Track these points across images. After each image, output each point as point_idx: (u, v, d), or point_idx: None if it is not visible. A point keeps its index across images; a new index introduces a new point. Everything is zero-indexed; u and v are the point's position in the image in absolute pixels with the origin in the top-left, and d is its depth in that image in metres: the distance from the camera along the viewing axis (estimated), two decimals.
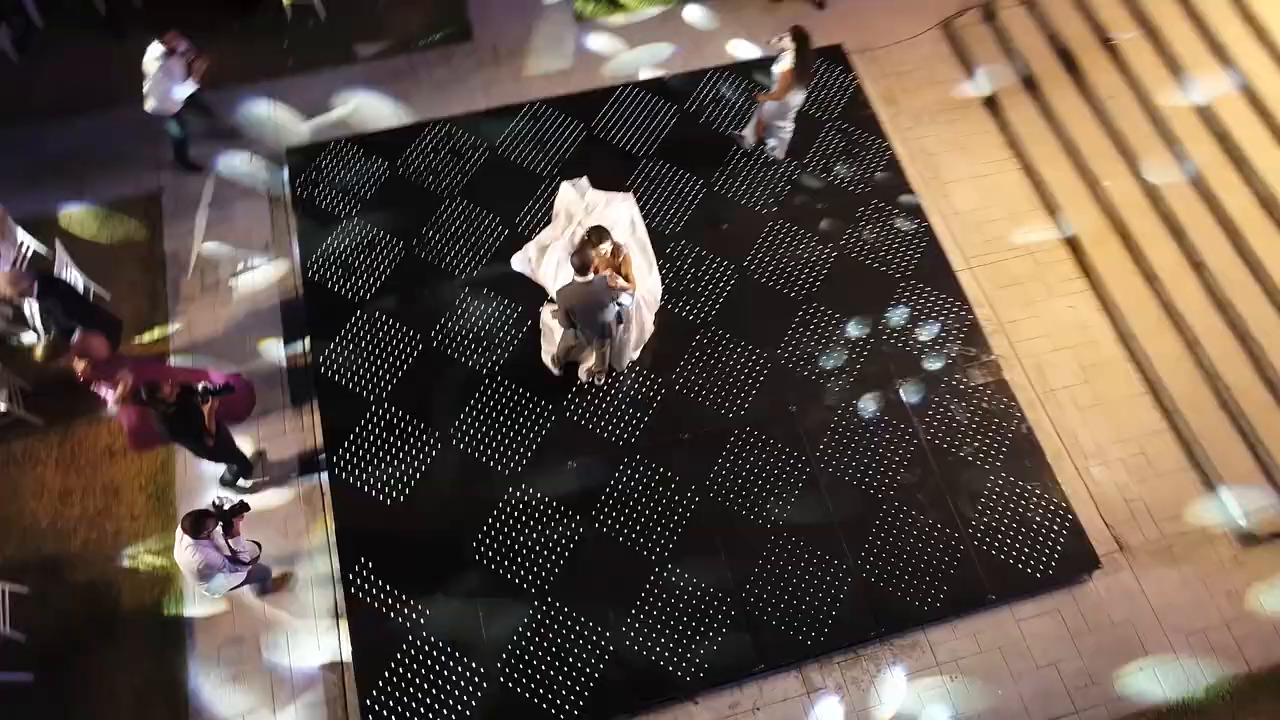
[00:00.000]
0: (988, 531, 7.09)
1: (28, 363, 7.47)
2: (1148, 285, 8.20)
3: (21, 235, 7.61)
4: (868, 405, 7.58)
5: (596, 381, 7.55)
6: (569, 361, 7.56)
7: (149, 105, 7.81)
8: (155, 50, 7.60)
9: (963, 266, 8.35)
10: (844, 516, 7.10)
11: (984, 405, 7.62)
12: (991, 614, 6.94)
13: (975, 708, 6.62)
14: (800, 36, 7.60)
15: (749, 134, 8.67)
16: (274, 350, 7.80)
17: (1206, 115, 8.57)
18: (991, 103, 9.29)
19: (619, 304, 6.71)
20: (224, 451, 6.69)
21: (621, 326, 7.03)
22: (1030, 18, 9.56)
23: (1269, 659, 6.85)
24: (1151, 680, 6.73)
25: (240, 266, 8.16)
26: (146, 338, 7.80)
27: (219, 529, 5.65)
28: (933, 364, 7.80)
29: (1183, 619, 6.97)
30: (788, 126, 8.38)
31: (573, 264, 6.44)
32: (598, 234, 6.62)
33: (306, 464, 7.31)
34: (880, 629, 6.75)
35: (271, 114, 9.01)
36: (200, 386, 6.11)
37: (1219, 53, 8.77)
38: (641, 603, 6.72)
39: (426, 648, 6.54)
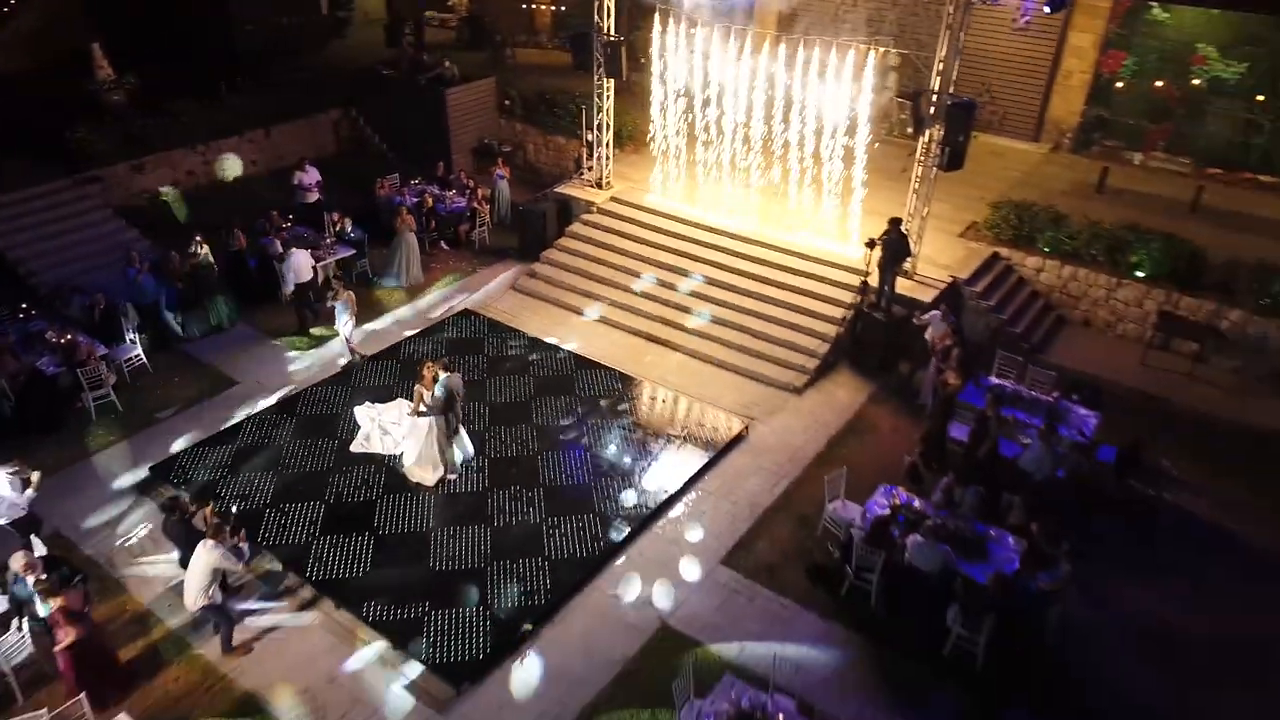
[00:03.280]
0: (690, 438, 12.52)
1: None
2: (677, 331, 15.10)
3: None
4: (603, 438, 12.82)
5: (451, 476, 11.63)
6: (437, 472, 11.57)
7: None
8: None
9: (603, 362, 14.37)
10: (613, 475, 12.01)
11: (652, 399, 13.41)
12: (720, 467, 12.18)
13: (756, 502, 11.51)
14: (343, 289, 13.76)
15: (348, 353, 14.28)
16: None
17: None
18: (561, 303, 16.14)
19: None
20: None
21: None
22: (552, 266, 16.94)
23: (834, 431, 13.08)
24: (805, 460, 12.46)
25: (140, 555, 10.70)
26: None
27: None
28: (610, 406, 13.43)
29: (785, 436, 12.92)
30: (353, 346, 14.23)
31: (445, 373, 11.12)
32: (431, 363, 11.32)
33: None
34: (676, 491, 11.50)
35: (115, 470, 11.98)
36: None
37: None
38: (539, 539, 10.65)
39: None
